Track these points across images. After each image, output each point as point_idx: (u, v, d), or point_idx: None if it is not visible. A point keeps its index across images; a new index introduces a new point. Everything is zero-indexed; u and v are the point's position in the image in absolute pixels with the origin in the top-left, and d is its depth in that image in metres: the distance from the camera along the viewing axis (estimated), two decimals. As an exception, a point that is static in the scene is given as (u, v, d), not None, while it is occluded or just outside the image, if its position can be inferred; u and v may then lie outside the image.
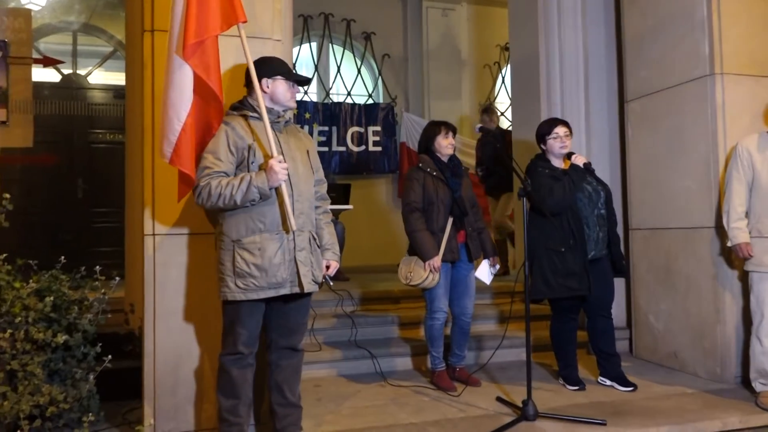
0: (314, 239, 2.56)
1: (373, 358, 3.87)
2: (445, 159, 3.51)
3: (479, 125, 3.39)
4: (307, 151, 2.61)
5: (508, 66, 8.52)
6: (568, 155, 3.46)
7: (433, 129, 3.54)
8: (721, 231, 3.52)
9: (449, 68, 8.23)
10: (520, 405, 3.00)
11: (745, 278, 3.46)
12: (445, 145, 3.49)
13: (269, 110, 2.49)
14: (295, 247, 2.44)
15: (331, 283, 2.79)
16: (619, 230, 3.72)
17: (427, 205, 3.42)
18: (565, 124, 3.51)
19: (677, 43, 3.81)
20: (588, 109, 4.57)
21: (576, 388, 3.47)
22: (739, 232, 3.24)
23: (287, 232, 2.43)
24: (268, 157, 2.39)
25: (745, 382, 3.45)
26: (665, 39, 3.91)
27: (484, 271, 3.56)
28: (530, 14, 4.94)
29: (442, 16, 8.20)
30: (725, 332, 3.54)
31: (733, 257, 3.48)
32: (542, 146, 3.55)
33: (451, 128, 3.52)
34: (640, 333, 4.21)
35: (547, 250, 3.34)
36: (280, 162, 2.34)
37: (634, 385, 3.46)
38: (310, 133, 7.52)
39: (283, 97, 2.54)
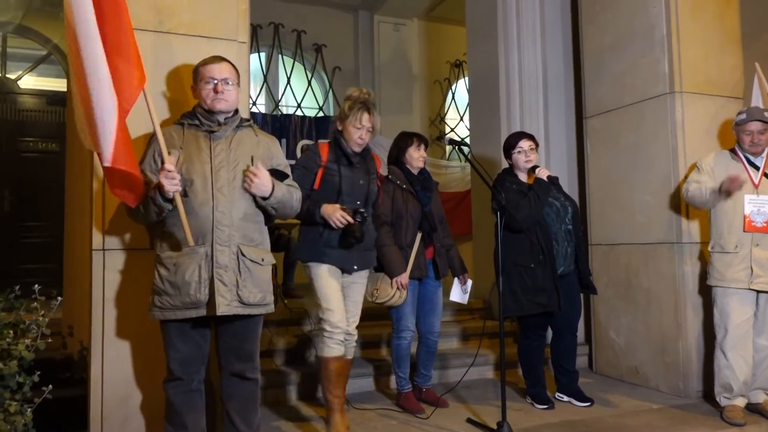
0: (247, 256, 2.30)
1: (333, 379, 3.68)
2: (415, 171, 3.40)
3: (448, 137, 3.30)
4: (252, 158, 2.37)
5: (458, 82, 8.63)
6: (533, 169, 3.42)
7: (405, 140, 3.42)
8: (678, 246, 3.58)
9: (400, 83, 8.19)
10: (493, 427, 2.90)
11: (705, 292, 3.51)
12: (416, 157, 3.37)
13: (206, 117, 2.35)
14: (214, 265, 2.23)
15: (285, 301, 2.60)
16: (582, 246, 3.72)
17: (395, 219, 3.28)
18: (530, 137, 3.47)
19: (637, 61, 3.87)
20: (547, 125, 4.59)
21: (545, 407, 3.40)
22: (713, 182, 3.21)
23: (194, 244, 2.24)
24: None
25: (707, 396, 3.49)
26: (625, 57, 3.97)
27: (457, 292, 3.46)
28: (489, 30, 4.94)
29: (394, 30, 8.17)
30: (687, 347, 3.58)
31: (691, 271, 3.54)
32: (508, 160, 3.50)
33: (423, 140, 3.41)
34: (600, 348, 4.21)
35: (517, 266, 3.27)
36: (169, 172, 2.15)
37: (591, 400, 3.45)
38: (259, 145, 7.27)
39: (204, 102, 2.37)
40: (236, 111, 2.46)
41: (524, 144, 3.41)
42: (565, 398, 3.52)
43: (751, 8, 5.00)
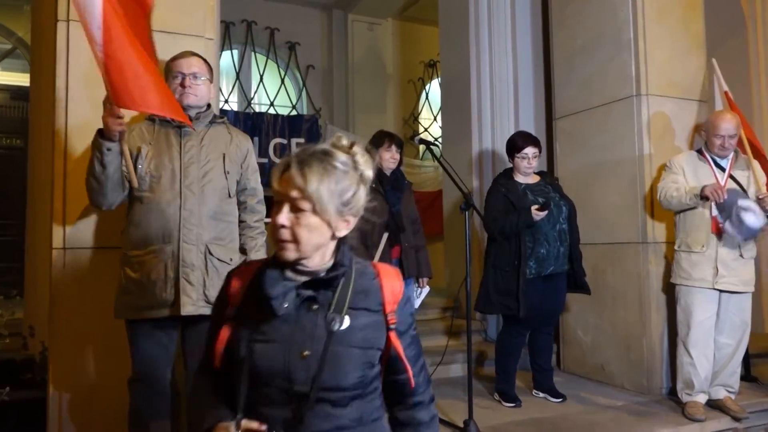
0: (215, 255, 2.27)
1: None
2: (387, 172, 3.41)
3: (419, 137, 3.31)
4: (223, 155, 2.35)
5: (432, 82, 8.66)
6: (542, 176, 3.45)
7: (377, 139, 3.44)
8: (644, 246, 3.65)
9: (374, 82, 8.19)
10: (460, 425, 2.92)
11: (669, 291, 3.58)
12: (386, 157, 3.38)
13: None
14: (180, 264, 2.20)
15: None
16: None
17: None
18: (536, 144, 3.48)
19: (605, 64, 3.93)
20: (518, 125, 4.62)
21: (512, 405, 3.44)
22: (693, 189, 3.20)
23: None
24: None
25: (671, 393, 3.56)
26: (593, 59, 4.03)
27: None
28: (461, 31, 4.97)
29: (368, 30, 8.17)
30: (651, 344, 3.64)
31: (655, 270, 3.61)
32: (511, 160, 3.53)
33: (395, 141, 3.42)
34: (568, 347, 4.27)
35: (493, 267, 3.37)
36: (116, 109, 2.02)
37: (564, 396, 3.53)
38: (231, 143, 7.20)
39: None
40: (208, 107, 2.42)
41: (529, 151, 3.43)
42: (541, 395, 3.59)
43: (716, 15, 5.12)
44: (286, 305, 1.25)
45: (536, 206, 3.24)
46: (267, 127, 7.56)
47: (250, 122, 7.48)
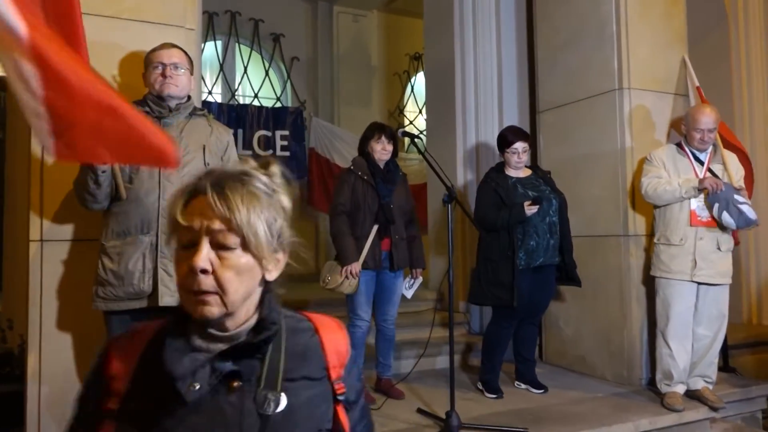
0: None
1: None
2: (380, 163, 3.41)
3: (402, 130, 3.31)
4: (203, 147, 2.33)
5: (417, 75, 8.65)
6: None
7: (369, 131, 3.45)
8: (625, 239, 3.68)
9: (359, 74, 8.15)
10: (443, 416, 2.93)
11: (649, 283, 3.62)
12: (378, 149, 3.38)
13: (156, 103, 2.30)
14: (158, 255, 2.19)
15: None
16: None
17: (353, 209, 3.31)
18: (526, 138, 3.52)
19: (588, 58, 3.95)
20: (502, 118, 4.64)
21: (494, 396, 3.47)
22: (689, 181, 3.24)
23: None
24: None
25: (650, 383, 3.60)
26: (577, 53, 4.05)
27: (404, 285, 3.49)
28: (446, 24, 4.96)
29: (353, 22, 8.13)
30: (631, 336, 3.69)
31: (636, 263, 3.65)
32: (501, 155, 3.57)
33: (386, 132, 3.40)
34: (550, 338, 4.31)
35: (485, 258, 3.42)
36: None
37: (545, 387, 3.57)
38: (215, 135, 7.13)
39: (152, 87, 2.31)
40: (189, 98, 2.41)
41: (519, 146, 3.46)
42: (523, 386, 3.63)
43: (698, 10, 5.17)
44: (197, 387, 0.91)
45: (528, 201, 3.28)
46: (251, 119, 7.51)
47: (234, 114, 7.43)
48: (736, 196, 3.18)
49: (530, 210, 3.26)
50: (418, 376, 3.87)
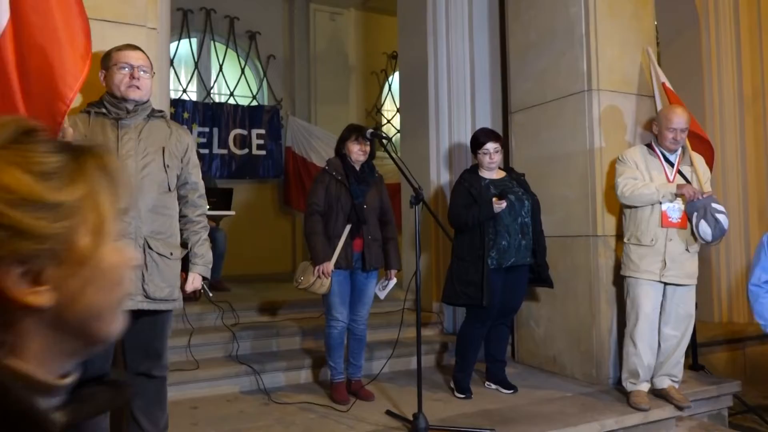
0: (154, 249, 2.24)
1: (256, 374, 3.64)
2: (356, 165, 3.41)
3: (370, 130, 3.30)
4: (163, 149, 2.31)
5: (395, 74, 8.63)
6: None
7: (346, 132, 3.46)
8: (594, 239, 3.71)
9: (336, 73, 8.12)
10: (411, 418, 2.93)
11: (618, 284, 3.65)
12: (354, 150, 3.38)
13: (114, 105, 2.26)
14: None
15: (210, 294, 2.58)
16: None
17: (327, 209, 3.33)
18: (497, 139, 3.56)
19: (558, 59, 3.97)
20: (474, 119, 4.65)
21: (463, 396, 3.49)
22: (666, 186, 3.27)
23: None
24: None
25: (618, 383, 3.63)
26: (547, 54, 4.06)
27: (378, 286, 3.49)
28: (419, 23, 4.95)
29: (330, 20, 8.09)
30: (600, 336, 3.71)
31: (605, 263, 3.67)
32: (474, 157, 3.61)
33: (363, 134, 3.40)
34: (522, 338, 4.32)
35: (457, 258, 3.46)
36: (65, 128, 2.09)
37: (515, 388, 3.59)
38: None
39: (117, 89, 2.27)
40: (147, 101, 2.38)
41: (490, 146, 3.50)
42: (493, 386, 3.65)
43: (669, 10, 5.22)
44: None
45: (494, 196, 3.30)
46: (227, 117, 7.45)
47: (210, 113, 7.37)
48: (714, 205, 3.22)
49: (498, 206, 3.28)
50: (392, 377, 3.87)
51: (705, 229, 3.21)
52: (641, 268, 3.34)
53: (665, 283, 3.34)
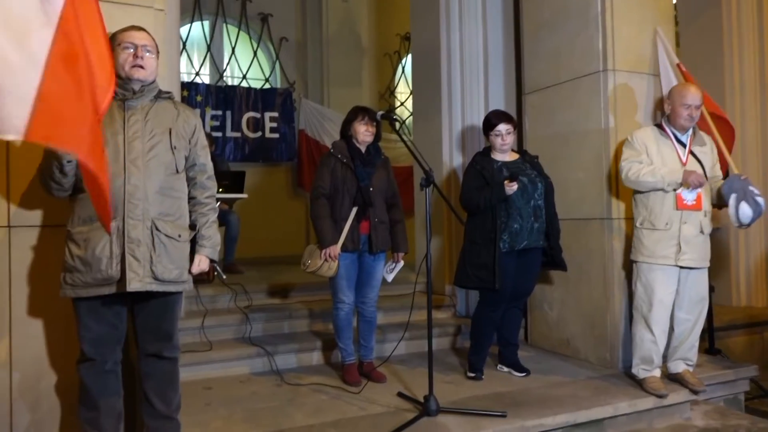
0: (162, 231, 2.23)
1: (268, 355, 3.67)
2: (362, 146, 3.38)
3: (381, 112, 3.26)
4: (170, 130, 2.30)
5: (408, 56, 8.55)
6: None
7: (352, 113, 3.42)
8: (608, 222, 3.66)
9: (349, 55, 8.07)
10: (422, 400, 2.93)
11: (630, 267, 3.59)
12: (361, 131, 3.35)
13: (121, 86, 2.25)
14: (125, 240, 2.16)
15: (224, 277, 2.59)
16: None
17: (333, 193, 3.31)
18: (510, 120, 3.51)
19: (572, 38, 3.89)
20: (487, 100, 4.59)
21: (474, 375, 3.52)
22: (673, 173, 3.20)
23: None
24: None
25: (629, 367, 3.60)
26: (561, 34, 3.98)
27: (385, 269, 3.48)
28: (432, 3, 4.88)
29: (342, 1, 8.01)
30: (614, 320, 3.68)
31: (619, 246, 3.63)
32: (486, 139, 3.57)
33: (369, 114, 3.38)
34: (535, 321, 4.30)
35: (469, 241, 3.44)
36: None
37: (528, 371, 3.58)
38: (202, 117, 7.06)
39: (121, 68, 2.25)
40: (154, 81, 2.36)
41: (502, 128, 3.45)
42: (505, 369, 3.65)
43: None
44: None
45: (505, 178, 3.27)
46: (240, 100, 7.45)
47: (223, 96, 7.37)
48: (750, 187, 3.16)
49: (510, 188, 3.24)
50: (404, 359, 3.88)
51: (746, 211, 3.15)
52: (656, 253, 3.26)
53: (680, 267, 3.28)
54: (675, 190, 3.20)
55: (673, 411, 3.26)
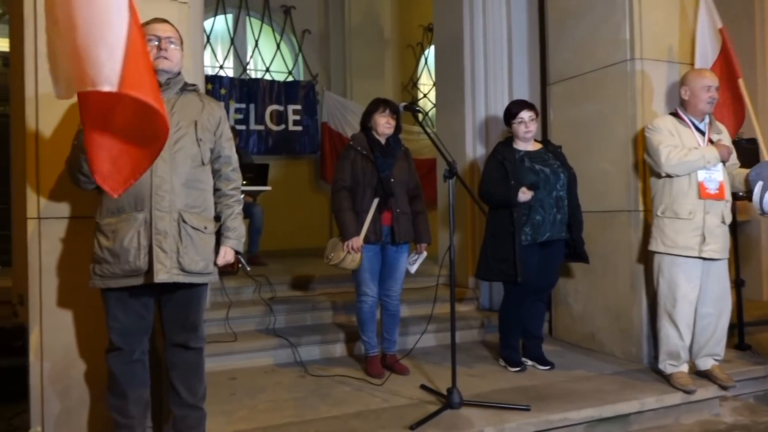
0: (189, 223, 2.25)
1: (292, 346, 3.69)
2: (382, 138, 3.37)
3: (404, 104, 3.25)
4: (195, 122, 2.31)
5: (431, 47, 8.49)
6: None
7: (373, 105, 3.41)
8: (636, 214, 3.59)
9: (372, 47, 8.04)
10: (445, 393, 2.92)
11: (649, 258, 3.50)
12: (381, 123, 3.34)
13: None
14: (153, 231, 2.18)
15: (248, 269, 2.60)
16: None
17: (354, 185, 3.31)
18: (531, 107, 3.48)
19: (598, 27, 3.82)
20: (511, 91, 4.54)
21: (518, 369, 3.50)
22: (709, 149, 3.15)
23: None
24: None
25: (654, 362, 3.54)
26: (587, 22, 3.91)
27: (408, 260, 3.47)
28: (455, -7, 4.84)
29: (365, -8, 7.98)
30: (641, 313, 3.62)
31: (645, 238, 3.56)
32: (508, 129, 3.53)
33: (390, 106, 3.37)
34: (559, 315, 4.26)
35: (492, 235, 3.41)
36: None
37: (552, 364, 3.55)
38: (226, 110, 7.10)
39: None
40: (179, 74, 2.38)
41: (525, 115, 3.42)
42: (530, 362, 3.61)
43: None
44: None
45: (526, 186, 3.25)
46: (263, 93, 7.49)
47: (246, 89, 7.41)
48: None
49: (524, 195, 3.23)
50: (427, 351, 3.87)
51: None
52: (679, 243, 3.17)
53: (704, 259, 3.20)
54: (714, 166, 3.15)
55: (701, 407, 3.20)
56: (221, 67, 7.45)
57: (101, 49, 1.78)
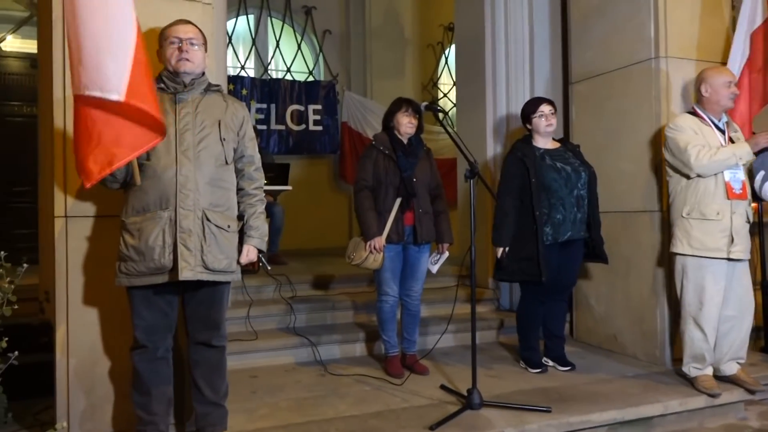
0: (212, 221, 2.27)
1: (312, 345, 3.71)
2: (404, 138, 3.37)
3: (425, 103, 3.24)
4: (219, 122, 2.34)
5: (451, 46, 8.46)
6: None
7: (395, 104, 3.42)
8: (659, 215, 3.55)
9: (392, 47, 8.04)
10: (465, 393, 2.91)
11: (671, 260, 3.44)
12: (404, 122, 3.34)
13: (171, 79, 2.32)
14: (177, 230, 2.21)
15: (269, 268, 2.63)
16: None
17: (376, 185, 3.32)
18: (550, 102, 3.47)
19: (622, 25, 3.77)
20: (533, 90, 4.50)
21: (539, 371, 3.47)
22: (740, 146, 3.10)
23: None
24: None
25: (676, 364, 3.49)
26: (610, 20, 3.86)
27: (429, 260, 3.46)
28: (476, -9, 4.81)
29: (385, -7, 7.98)
30: (663, 315, 3.57)
31: (669, 239, 3.50)
32: (528, 126, 3.50)
33: (413, 106, 3.37)
34: (581, 316, 4.22)
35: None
36: None
37: (573, 365, 3.52)
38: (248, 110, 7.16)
39: (168, 63, 2.32)
40: (203, 74, 2.41)
41: (545, 108, 3.41)
42: (550, 363, 3.59)
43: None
44: None
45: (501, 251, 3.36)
46: (284, 93, 7.53)
47: (267, 89, 7.46)
48: None
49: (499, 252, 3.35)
50: (447, 352, 3.87)
51: None
52: (707, 245, 3.11)
53: (730, 260, 3.13)
54: (745, 164, 3.13)
55: (726, 411, 3.15)
56: (243, 67, 7.51)
57: (107, 57, 1.88)
